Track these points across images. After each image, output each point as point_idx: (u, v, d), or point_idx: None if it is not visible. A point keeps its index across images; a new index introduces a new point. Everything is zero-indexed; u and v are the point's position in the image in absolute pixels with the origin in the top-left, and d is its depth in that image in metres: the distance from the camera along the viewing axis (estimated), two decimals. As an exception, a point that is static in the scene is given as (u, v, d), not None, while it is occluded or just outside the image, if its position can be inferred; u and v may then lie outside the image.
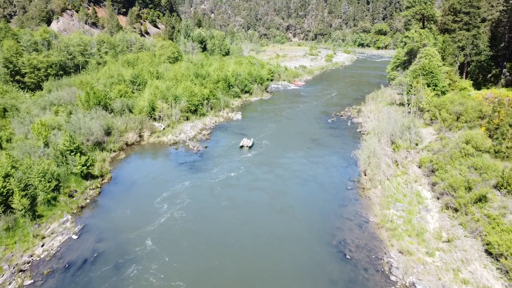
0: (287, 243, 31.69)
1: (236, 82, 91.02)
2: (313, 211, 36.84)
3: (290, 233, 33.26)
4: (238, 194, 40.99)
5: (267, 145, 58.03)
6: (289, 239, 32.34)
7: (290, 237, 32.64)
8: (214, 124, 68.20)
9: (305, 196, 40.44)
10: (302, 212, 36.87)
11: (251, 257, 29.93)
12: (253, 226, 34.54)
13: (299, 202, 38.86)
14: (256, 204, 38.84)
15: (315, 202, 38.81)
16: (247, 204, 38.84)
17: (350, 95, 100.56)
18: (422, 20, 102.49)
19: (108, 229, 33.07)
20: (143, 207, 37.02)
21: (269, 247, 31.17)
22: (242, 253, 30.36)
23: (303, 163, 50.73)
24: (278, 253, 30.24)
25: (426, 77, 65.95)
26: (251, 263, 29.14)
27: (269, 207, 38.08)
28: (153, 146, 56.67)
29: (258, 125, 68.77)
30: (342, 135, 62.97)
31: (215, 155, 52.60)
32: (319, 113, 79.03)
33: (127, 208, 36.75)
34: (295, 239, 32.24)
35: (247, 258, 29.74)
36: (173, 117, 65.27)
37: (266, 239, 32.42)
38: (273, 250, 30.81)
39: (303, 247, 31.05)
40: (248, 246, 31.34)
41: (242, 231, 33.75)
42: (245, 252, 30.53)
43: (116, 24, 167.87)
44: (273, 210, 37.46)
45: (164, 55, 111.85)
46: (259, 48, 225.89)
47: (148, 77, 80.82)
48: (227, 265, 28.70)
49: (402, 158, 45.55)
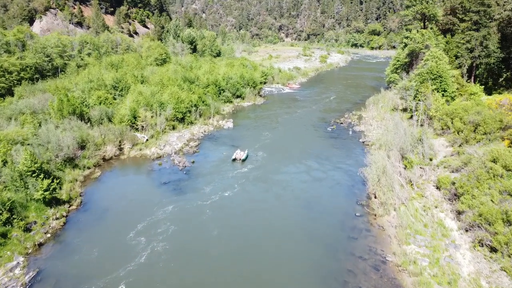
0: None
1: (228, 86, 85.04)
2: (319, 246, 31.00)
3: (292, 277, 27.40)
4: (231, 221, 35.06)
5: (262, 157, 52.24)
6: (291, 287, 26.52)
7: (292, 284, 26.80)
8: (203, 133, 62.09)
9: (308, 224, 34.58)
10: (306, 247, 31.02)
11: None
12: (249, 267, 28.63)
13: (302, 233, 33.01)
14: (252, 235, 32.93)
15: (320, 233, 32.98)
16: (242, 235, 32.93)
17: (348, 99, 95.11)
18: (423, 19, 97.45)
19: (70, 275, 26.83)
20: (117, 242, 30.89)
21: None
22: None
23: (303, 180, 44.94)
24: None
25: (434, 81, 60.59)
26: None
27: (267, 239, 32.16)
28: (134, 160, 50.44)
29: (252, 134, 62.91)
30: (344, 146, 57.29)
31: (204, 172, 46.56)
32: (317, 119, 73.36)
33: (97, 244, 30.56)
34: (299, 286, 26.43)
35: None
36: (157, 126, 59.08)
37: (264, 285, 26.57)
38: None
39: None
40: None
41: (235, 272, 27.82)
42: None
43: (102, 24, 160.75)
44: (272, 244, 31.54)
45: (151, 56, 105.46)
46: (251, 48, 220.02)
47: (132, 81, 74.47)
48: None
49: (417, 177, 39.96)
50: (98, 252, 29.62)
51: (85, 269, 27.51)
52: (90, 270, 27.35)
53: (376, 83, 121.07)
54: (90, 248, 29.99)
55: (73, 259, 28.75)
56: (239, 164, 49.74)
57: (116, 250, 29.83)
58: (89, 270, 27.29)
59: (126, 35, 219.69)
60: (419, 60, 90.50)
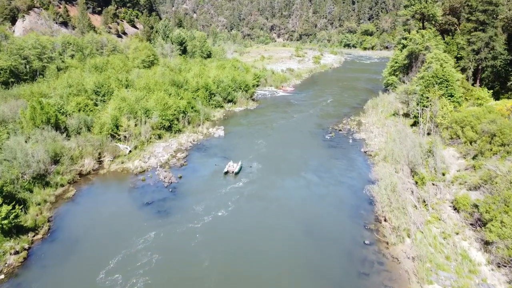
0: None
1: (218, 90, 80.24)
2: (324, 284, 26.47)
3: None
4: (224, 248, 30.36)
5: (257, 169, 47.72)
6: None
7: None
8: (191, 143, 57.19)
9: (311, 254, 29.98)
10: (310, 284, 26.46)
11: None
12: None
13: (305, 266, 28.40)
14: (248, 266, 28.28)
15: (325, 266, 28.44)
16: (236, 266, 28.29)
17: (345, 102, 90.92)
18: (422, 19, 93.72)
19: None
20: (87, 283, 26.03)
21: None
22: None
23: (303, 197, 40.43)
24: None
25: (440, 86, 56.51)
26: None
27: (266, 272, 27.50)
28: (115, 175, 45.42)
29: (245, 143, 58.27)
30: (345, 156, 52.87)
31: (193, 188, 41.79)
32: (315, 125, 68.93)
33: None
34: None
35: None
36: (142, 136, 54.13)
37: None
38: None
39: None
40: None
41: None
42: None
43: (88, 24, 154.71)
44: (272, 280, 26.93)
45: (138, 58, 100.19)
46: (243, 49, 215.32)
47: (116, 85, 69.32)
48: None
49: (431, 196, 35.66)
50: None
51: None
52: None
53: (372, 85, 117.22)
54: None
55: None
56: (232, 178, 45.14)
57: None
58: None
59: (114, 35, 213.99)
60: (419, 62, 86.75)
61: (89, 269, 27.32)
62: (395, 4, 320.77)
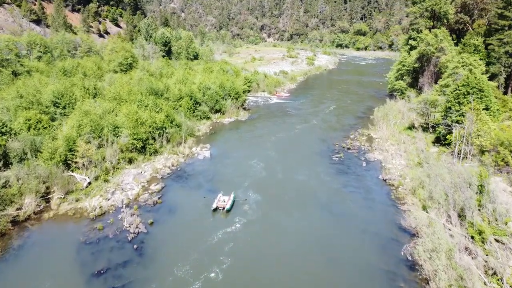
0: None
1: (204, 98, 69.24)
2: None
3: None
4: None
5: (255, 202, 37.54)
6: None
7: None
8: (170, 168, 46.07)
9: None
10: None
11: None
12: None
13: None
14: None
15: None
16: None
17: (349, 110, 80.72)
18: (433, 18, 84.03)
19: None
20: None
21: None
22: None
23: (317, 253, 29.79)
24: None
25: (469, 97, 46.44)
26: None
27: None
28: (63, 221, 34.18)
29: (237, 166, 47.58)
30: (360, 186, 42.32)
31: (168, 241, 30.91)
32: (317, 141, 58.48)
33: None
34: None
35: None
36: (107, 161, 43.02)
37: None
38: None
39: None
40: None
41: None
42: None
43: (63, 22, 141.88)
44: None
45: (114, 61, 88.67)
46: (232, 49, 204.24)
47: (82, 95, 58.07)
48: None
49: (503, 263, 25.33)
50: None
51: None
52: None
53: (374, 89, 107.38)
54: None
55: None
56: (222, 217, 34.78)
57: None
58: None
59: (95, 35, 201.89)
60: (431, 65, 77.03)
61: None
62: (388, 3, 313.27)
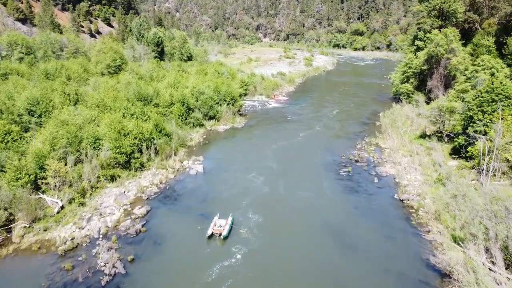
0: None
1: (198, 103, 63.84)
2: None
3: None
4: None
5: (256, 228, 32.49)
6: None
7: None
8: (158, 187, 40.61)
9: None
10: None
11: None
12: None
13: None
14: None
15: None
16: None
17: (352, 115, 75.61)
18: (441, 17, 79.13)
19: None
20: None
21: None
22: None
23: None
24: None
25: (497, 104, 41.45)
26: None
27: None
28: (26, 257, 28.61)
29: (233, 182, 42.31)
30: (374, 210, 37.00)
31: (150, 285, 25.61)
32: (322, 152, 53.26)
33: None
34: None
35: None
36: (84, 180, 37.57)
37: None
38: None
39: None
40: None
41: None
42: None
43: (51, 21, 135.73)
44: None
45: (102, 62, 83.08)
46: (228, 50, 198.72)
47: (62, 101, 52.58)
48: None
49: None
50: None
51: None
52: None
53: (376, 92, 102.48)
54: None
55: None
56: (218, 244, 29.71)
57: None
58: None
59: (86, 35, 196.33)
60: (441, 68, 72.12)
61: None
62: (385, 3, 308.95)
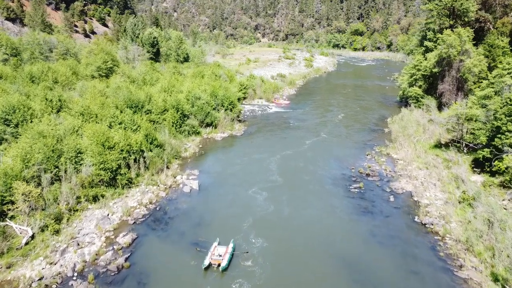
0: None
1: (193, 109, 59.15)
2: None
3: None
4: None
5: (260, 256, 27.93)
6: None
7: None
8: (147, 207, 35.86)
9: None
10: None
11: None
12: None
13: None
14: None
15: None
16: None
17: (359, 120, 71.00)
18: (453, 16, 74.65)
19: None
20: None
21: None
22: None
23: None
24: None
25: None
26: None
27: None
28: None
29: (232, 200, 37.66)
30: (394, 236, 32.23)
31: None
32: (329, 163, 48.61)
33: None
34: None
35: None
36: (61, 202, 32.85)
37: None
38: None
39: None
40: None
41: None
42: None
43: (42, 21, 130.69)
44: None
45: (92, 65, 78.28)
46: (226, 50, 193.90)
47: (43, 108, 47.80)
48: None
49: None
50: None
51: None
52: None
53: (381, 95, 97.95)
54: None
55: None
56: (217, 279, 24.99)
57: None
58: None
59: (81, 35, 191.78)
60: (453, 70, 67.68)
61: None
62: (385, 2, 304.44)
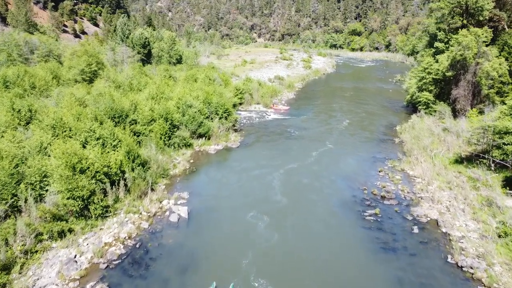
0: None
1: (185, 119, 53.07)
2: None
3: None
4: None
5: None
6: None
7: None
8: (124, 244, 29.63)
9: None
10: None
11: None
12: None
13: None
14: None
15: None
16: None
17: (365, 128, 65.22)
18: (466, 14, 68.99)
19: None
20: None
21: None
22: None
23: None
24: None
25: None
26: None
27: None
28: None
29: (228, 230, 31.69)
30: (425, 284, 26.54)
31: None
32: (339, 183, 42.68)
33: None
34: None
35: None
36: (17, 243, 26.74)
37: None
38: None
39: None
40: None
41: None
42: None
43: (25, 20, 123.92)
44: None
45: (75, 68, 71.99)
46: (221, 51, 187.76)
47: (9, 121, 41.54)
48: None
49: None
50: None
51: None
52: None
53: (386, 99, 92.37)
54: None
55: None
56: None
57: None
58: None
59: (71, 35, 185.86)
60: (469, 74, 62.08)
61: None
62: (383, 2, 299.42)
